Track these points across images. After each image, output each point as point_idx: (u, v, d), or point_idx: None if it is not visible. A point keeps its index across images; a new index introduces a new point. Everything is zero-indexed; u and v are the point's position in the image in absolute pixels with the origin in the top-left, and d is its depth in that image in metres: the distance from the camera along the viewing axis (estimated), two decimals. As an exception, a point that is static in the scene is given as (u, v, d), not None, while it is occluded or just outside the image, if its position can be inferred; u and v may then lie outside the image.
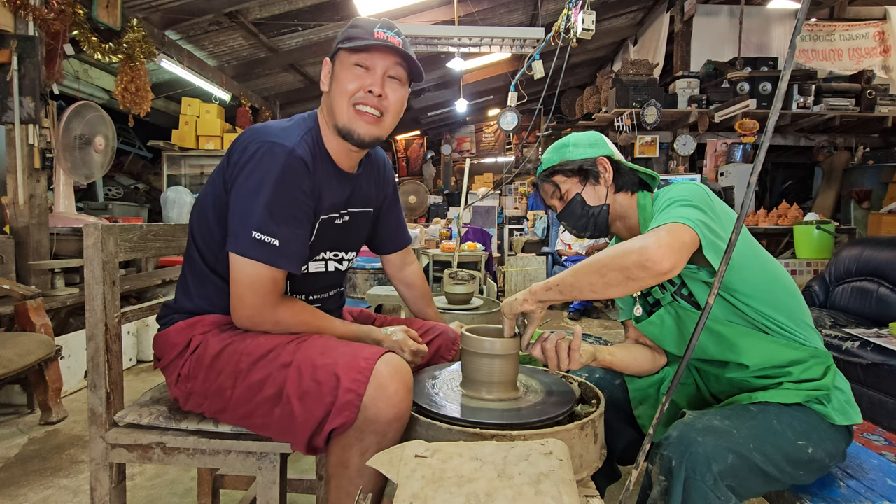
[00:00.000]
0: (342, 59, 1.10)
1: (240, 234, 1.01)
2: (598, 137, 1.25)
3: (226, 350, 1.04)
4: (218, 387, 1.03)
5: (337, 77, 1.10)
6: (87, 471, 1.39)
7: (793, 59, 0.70)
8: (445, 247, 4.50)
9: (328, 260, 1.23)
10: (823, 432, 1.04)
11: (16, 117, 2.94)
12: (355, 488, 0.96)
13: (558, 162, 1.23)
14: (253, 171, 1.02)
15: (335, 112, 1.11)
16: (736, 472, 0.94)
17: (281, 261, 1.02)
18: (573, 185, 1.23)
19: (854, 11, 6.32)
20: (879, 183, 5.33)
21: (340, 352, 0.98)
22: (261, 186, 1.01)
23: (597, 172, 1.21)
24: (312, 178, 1.07)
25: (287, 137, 1.05)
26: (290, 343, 1.02)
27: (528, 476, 0.77)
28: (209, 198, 1.12)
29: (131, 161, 7.09)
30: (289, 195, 1.03)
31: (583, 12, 3.05)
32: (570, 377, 1.22)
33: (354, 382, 0.92)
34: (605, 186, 1.22)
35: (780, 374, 1.09)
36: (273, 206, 1.01)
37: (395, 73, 1.11)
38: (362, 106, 1.09)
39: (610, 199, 1.22)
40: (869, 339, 2.20)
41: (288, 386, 0.96)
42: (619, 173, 1.23)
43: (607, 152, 1.23)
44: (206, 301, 1.14)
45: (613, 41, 7.63)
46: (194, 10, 4.30)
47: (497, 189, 8.18)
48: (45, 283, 3.00)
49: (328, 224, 1.17)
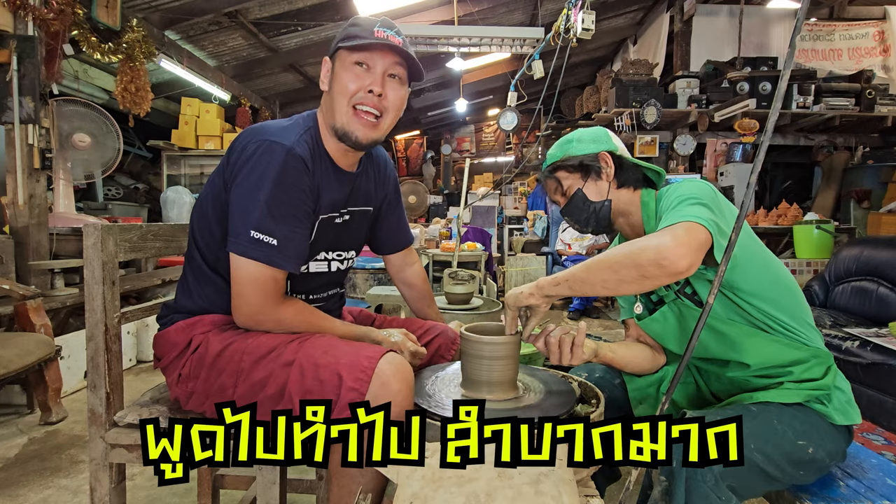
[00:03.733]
0: (342, 57, 1.09)
1: (239, 234, 1.01)
2: (602, 133, 1.24)
3: (227, 349, 1.04)
4: (220, 386, 1.03)
5: (337, 76, 1.10)
6: (87, 471, 1.39)
7: (792, 58, 0.70)
8: (445, 247, 4.50)
9: (330, 260, 1.23)
10: (824, 432, 1.04)
11: (15, 117, 2.94)
12: (357, 487, 0.96)
13: (561, 158, 1.23)
14: (252, 170, 1.02)
15: (334, 112, 1.10)
16: (736, 473, 0.94)
17: (279, 260, 1.02)
18: (575, 180, 1.22)
19: (854, 11, 6.32)
20: (879, 182, 5.34)
21: (343, 350, 0.98)
22: (260, 185, 1.01)
23: (598, 168, 1.20)
24: (311, 177, 1.07)
25: (286, 136, 1.05)
26: (292, 342, 1.02)
27: (527, 476, 0.77)
28: (209, 198, 1.12)
29: (131, 161, 7.08)
30: (288, 194, 1.03)
31: (582, 12, 3.05)
32: (570, 377, 1.22)
33: (357, 381, 0.92)
34: (607, 182, 1.21)
35: (781, 374, 1.09)
36: (272, 205, 1.01)
37: (395, 72, 1.11)
38: (362, 106, 1.09)
39: (612, 194, 1.21)
40: (868, 339, 2.20)
41: (290, 385, 0.96)
42: (622, 169, 1.21)
43: (610, 147, 1.22)
44: (206, 301, 1.14)
45: (613, 41, 7.62)
46: (194, 9, 4.29)
47: (497, 189, 8.18)
48: (45, 284, 3.00)
49: (328, 223, 1.17)
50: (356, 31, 1.08)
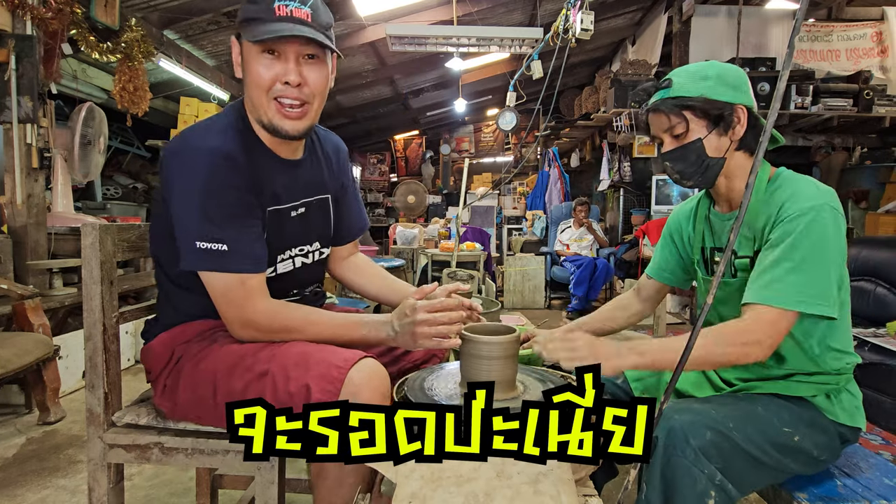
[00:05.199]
0: (247, 46, 0.99)
1: (186, 249, 0.98)
2: (744, 79, 1.09)
3: (204, 361, 1.03)
4: (199, 397, 1.02)
5: (247, 67, 1.00)
6: (85, 471, 1.39)
7: (791, 59, 0.71)
8: (444, 246, 4.50)
9: (294, 257, 1.17)
10: (815, 425, 1.04)
11: (14, 117, 2.93)
12: (337, 497, 0.95)
13: (696, 95, 1.06)
14: (179, 180, 0.98)
15: (255, 106, 1.02)
16: (720, 451, 0.94)
17: (233, 265, 0.98)
18: (699, 127, 1.07)
19: (852, 12, 6.33)
20: (877, 183, 5.35)
21: (314, 360, 0.95)
22: (191, 194, 0.97)
23: (731, 122, 1.07)
24: (246, 171, 1.02)
25: (209, 137, 1.00)
26: (262, 349, 1.00)
27: (526, 475, 0.77)
28: (157, 216, 1.09)
29: (129, 161, 7.07)
30: (222, 195, 0.98)
31: (581, 12, 3.06)
32: (570, 376, 1.22)
33: (325, 393, 0.90)
34: (731, 140, 1.09)
35: (797, 373, 1.09)
36: (209, 211, 0.97)
37: (310, 52, 1.00)
38: (283, 99, 1.00)
39: (729, 154, 1.10)
40: (867, 339, 2.21)
41: (266, 396, 0.94)
42: (752, 130, 1.09)
43: (749, 102, 1.09)
44: (182, 313, 1.12)
45: (612, 41, 7.63)
46: (193, 9, 4.29)
47: (496, 189, 8.18)
48: (43, 283, 3.00)
49: (284, 217, 1.12)
50: (255, 12, 0.96)
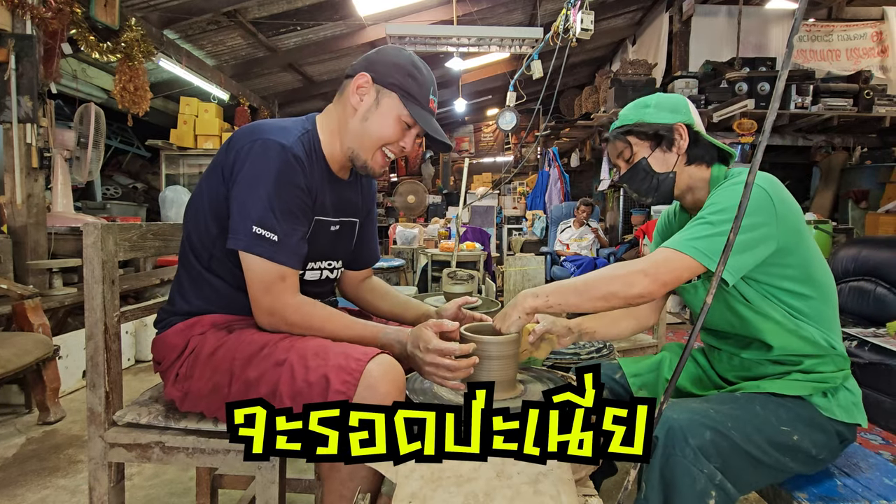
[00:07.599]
0: (393, 101, 1.11)
1: (240, 229, 1.02)
2: (682, 103, 1.19)
3: (221, 348, 1.04)
4: (214, 385, 1.03)
5: (380, 117, 1.12)
6: (86, 470, 1.39)
7: (791, 59, 0.71)
8: (444, 246, 4.50)
9: (322, 269, 1.24)
10: (814, 424, 1.04)
11: (13, 116, 2.94)
12: (348, 491, 0.96)
13: (634, 122, 1.18)
14: (252, 167, 1.03)
15: (359, 140, 1.13)
16: (719, 450, 0.94)
17: (281, 256, 1.03)
18: (643, 148, 1.18)
19: (852, 12, 6.33)
20: (877, 183, 5.35)
21: (333, 352, 0.97)
22: (260, 181, 1.02)
23: (671, 139, 1.15)
24: (309, 177, 1.09)
25: (284, 135, 1.06)
26: (283, 340, 1.02)
27: (526, 475, 0.77)
28: (204, 196, 1.11)
29: (129, 160, 7.08)
30: (287, 191, 1.04)
31: (581, 12, 3.06)
32: (569, 376, 1.22)
33: (344, 384, 0.91)
34: (677, 154, 1.16)
35: (794, 362, 1.09)
36: (273, 201, 1.02)
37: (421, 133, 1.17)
38: (389, 153, 1.16)
39: (679, 168, 1.17)
40: (867, 339, 2.21)
41: (281, 386, 0.95)
42: (696, 144, 1.16)
43: (688, 120, 1.16)
44: (203, 301, 1.13)
45: (612, 41, 7.63)
46: (193, 9, 4.29)
47: (496, 189, 8.18)
48: (43, 283, 3.00)
49: (324, 228, 1.18)
50: (415, 88, 1.12)
